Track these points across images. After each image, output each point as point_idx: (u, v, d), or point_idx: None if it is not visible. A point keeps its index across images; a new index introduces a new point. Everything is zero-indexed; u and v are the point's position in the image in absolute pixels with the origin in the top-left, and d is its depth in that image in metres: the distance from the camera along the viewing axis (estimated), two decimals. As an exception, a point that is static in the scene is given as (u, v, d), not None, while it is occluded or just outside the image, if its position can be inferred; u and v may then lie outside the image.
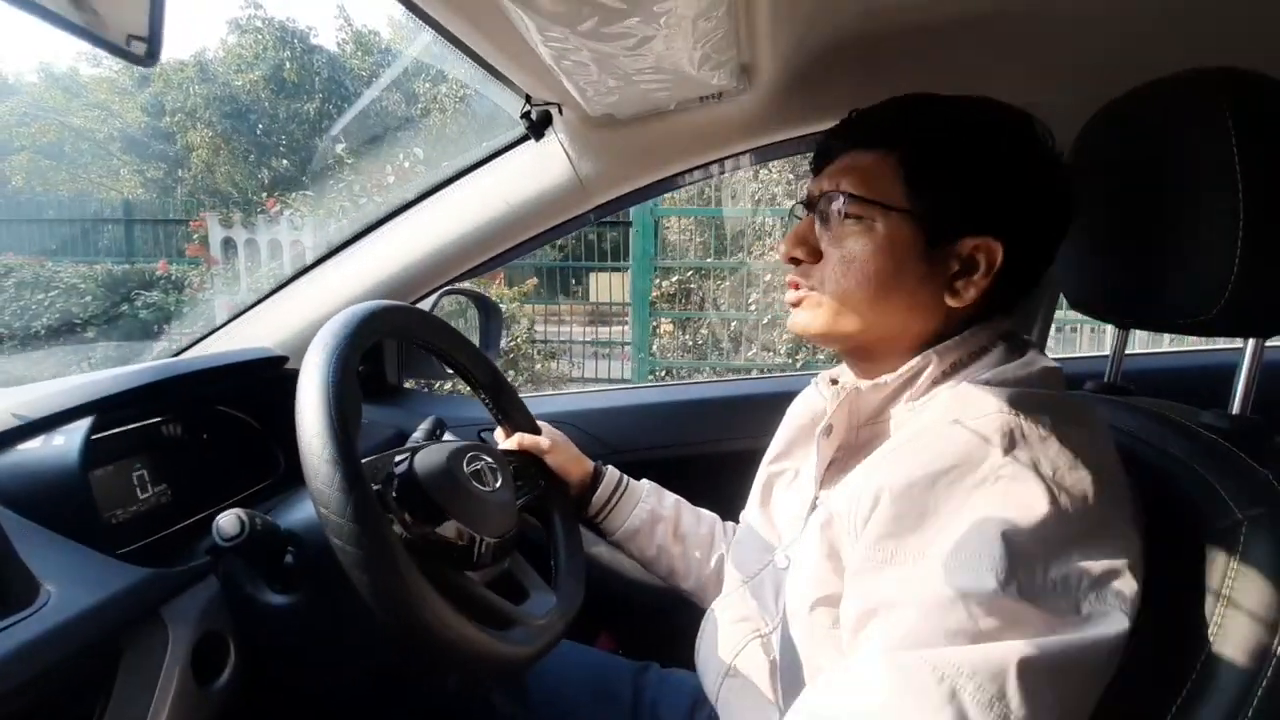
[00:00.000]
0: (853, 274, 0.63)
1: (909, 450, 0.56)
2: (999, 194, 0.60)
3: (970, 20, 0.81)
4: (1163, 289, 0.62)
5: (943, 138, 0.61)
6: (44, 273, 5.57)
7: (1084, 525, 0.50)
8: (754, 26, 0.74)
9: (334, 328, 0.61)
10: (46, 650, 0.51)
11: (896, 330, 0.64)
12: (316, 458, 0.53)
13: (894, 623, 0.49)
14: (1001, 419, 0.53)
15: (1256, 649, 0.49)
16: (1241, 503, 0.53)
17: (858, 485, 0.58)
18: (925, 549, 0.51)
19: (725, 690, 0.72)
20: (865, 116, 0.65)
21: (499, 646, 0.58)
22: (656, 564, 0.90)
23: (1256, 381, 0.62)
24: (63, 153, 12.00)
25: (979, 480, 0.51)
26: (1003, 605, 0.47)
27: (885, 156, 0.62)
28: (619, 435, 1.24)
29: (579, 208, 1.04)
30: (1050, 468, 0.51)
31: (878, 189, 0.62)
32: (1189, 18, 0.79)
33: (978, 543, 0.49)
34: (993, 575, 0.47)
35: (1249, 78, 0.57)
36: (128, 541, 0.71)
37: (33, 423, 0.67)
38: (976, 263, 0.61)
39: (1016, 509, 0.49)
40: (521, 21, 0.61)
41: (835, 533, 0.59)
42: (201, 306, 5.25)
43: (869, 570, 0.53)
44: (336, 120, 8.72)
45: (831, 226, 0.64)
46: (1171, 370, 1.25)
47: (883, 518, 0.53)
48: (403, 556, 0.53)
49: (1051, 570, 0.48)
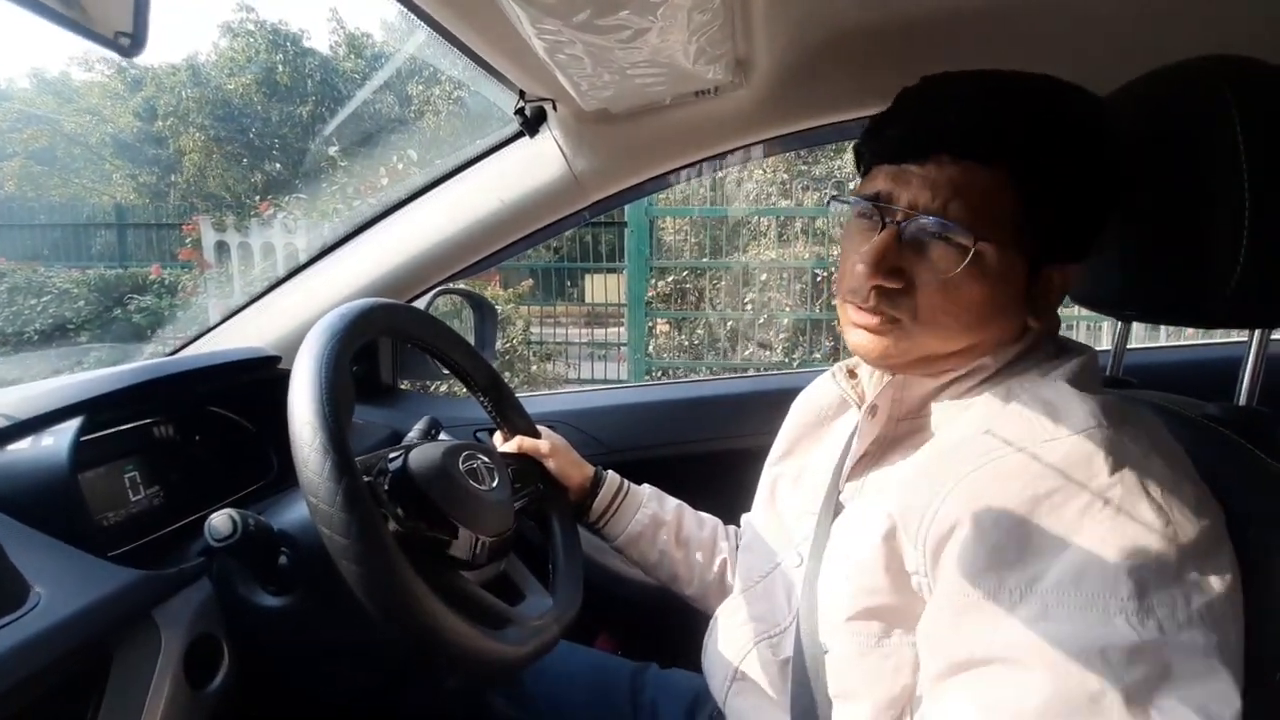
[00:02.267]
0: (954, 309, 0.56)
1: (993, 471, 0.50)
2: (1096, 218, 0.57)
3: (967, 13, 0.81)
4: (1166, 281, 0.62)
5: (1069, 158, 0.54)
6: (36, 278, 5.56)
7: (1203, 543, 0.46)
8: (749, 20, 0.73)
9: (330, 320, 0.61)
10: (37, 653, 0.51)
11: (973, 348, 0.60)
12: (307, 446, 0.53)
13: (1015, 685, 0.45)
14: (1101, 434, 0.49)
15: (1274, 639, 0.48)
16: (1253, 496, 0.53)
17: (919, 490, 0.54)
18: (1032, 584, 0.46)
19: (733, 693, 0.71)
20: (980, 122, 0.54)
21: (492, 645, 0.57)
22: (659, 569, 0.89)
23: (1263, 373, 0.61)
24: (55, 158, 11.95)
25: (1085, 505, 0.47)
26: (1145, 652, 0.43)
27: (997, 173, 0.54)
28: (616, 434, 1.24)
29: (574, 204, 1.04)
30: (1158, 485, 0.47)
31: (996, 217, 0.54)
32: (1189, 7, 0.79)
33: (1099, 579, 0.45)
34: (1123, 618, 0.43)
35: (1251, 65, 0.57)
36: (119, 544, 0.70)
37: (21, 423, 0.66)
38: (1054, 286, 0.58)
39: (1135, 538, 0.45)
40: (515, 15, 0.60)
41: (899, 542, 0.55)
42: (195, 310, 5.24)
43: (961, 610, 0.48)
44: (329, 123, 8.71)
45: (930, 254, 0.56)
46: (1171, 365, 1.25)
47: (973, 548, 0.48)
48: (393, 547, 0.53)
49: (1194, 601, 0.44)
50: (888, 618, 0.55)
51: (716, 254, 4.70)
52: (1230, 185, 0.54)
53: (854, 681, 0.57)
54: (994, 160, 0.54)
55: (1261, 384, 0.61)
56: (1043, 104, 0.55)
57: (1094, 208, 0.57)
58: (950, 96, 0.56)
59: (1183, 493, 0.48)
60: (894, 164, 0.57)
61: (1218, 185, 0.55)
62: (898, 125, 0.58)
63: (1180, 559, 0.45)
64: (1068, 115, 0.55)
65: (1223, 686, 0.42)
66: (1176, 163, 0.59)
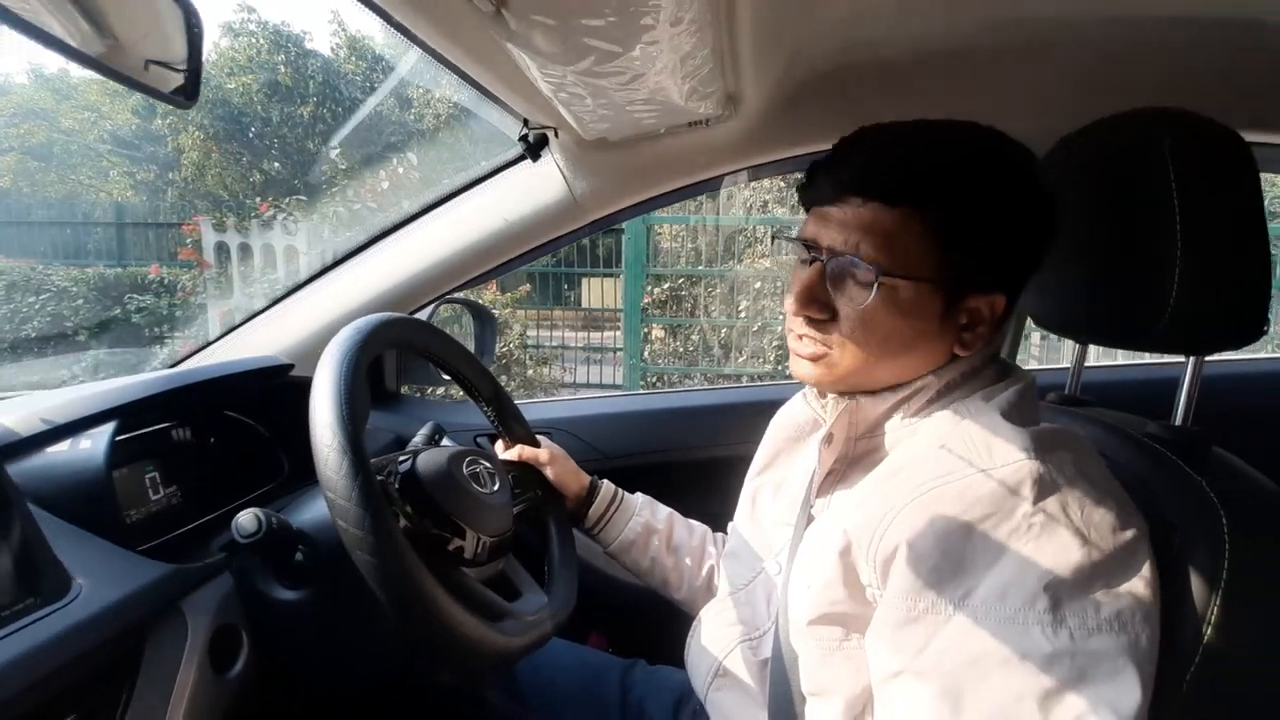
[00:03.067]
0: (873, 338, 0.62)
1: (933, 498, 0.55)
2: (1018, 252, 0.61)
3: (940, 54, 0.88)
4: (1113, 309, 0.68)
5: (975, 198, 0.58)
6: (35, 275, 5.56)
7: (1118, 557, 0.52)
8: (738, 60, 0.79)
9: (349, 333, 0.66)
10: (79, 639, 0.55)
11: (905, 376, 0.65)
12: (326, 446, 0.58)
13: (946, 692, 0.51)
14: (1029, 466, 0.54)
15: (1191, 639, 0.54)
16: (1178, 508, 0.58)
17: (871, 510, 0.59)
18: (964, 600, 0.52)
19: (714, 690, 0.76)
20: (885, 167, 0.59)
21: (490, 635, 0.62)
22: (650, 575, 0.93)
23: (1197, 395, 0.67)
24: (52, 154, 11.91)
25: (1012, 529, 0.52)
26: (1059, 658, 0.49)
27: (911, 216, 0.58)
28: (612, 441, 1.29)
29: (573, 224, 1.09)
30: (1078, 510, 0.53)
31: (903, 256, 0.59)
32: (1136, 58, 0.85)
33: (1020, 596, 0.50)
34: (1039, 629, 0.49)
35: (1186, 117, 0.63)
36: (143, 539, 0.75)
37: (60, 427, 0.71)
38: (983, 316, 0.62)
39: (1052, 558, 0.51)
40: (521, 58, 0.66)
41: (853, 558, 0.60)
42: (194, 310, 5.25)
43: (904, 622, 0.54)
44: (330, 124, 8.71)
45: (848, 289, 0.61)
46: (1127, 382, 1.31)
47: (915, 567, 0.54)
48: (401, 540, 0.57)
49: (1104, 610, 0.50)
50: (847, 624, 0.61)
51: (713, 261, 4.75)
52: (1165, 224, 0.60)
53: (824, 680, 0.62)
54: (897, 202, 0.58)
55: (1202, 403, 0.67)
56: (950, 150, 0.59)
57: (1011, 243, 0.60)
58: (867, 145, 0.61)
59: (1102, 513, 0.53)
60: (818, 208, 0.63)
61: (1155, 223, 0.61)
62: (819, 174, 0.63)
63: (1093, 574, 0.51)
64: (974, 160, 0.59)
65: (1130, 684, 0.48)
66: (1121, 201, 0.65)
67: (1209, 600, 0.54)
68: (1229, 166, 0.61)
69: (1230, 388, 1.27)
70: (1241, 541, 0.55)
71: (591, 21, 0.56)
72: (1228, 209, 0.61)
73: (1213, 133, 0.62)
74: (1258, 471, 0.63)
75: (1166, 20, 0.83)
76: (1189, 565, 0.56)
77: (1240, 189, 0.61)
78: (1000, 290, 0.62)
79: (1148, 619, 0.51)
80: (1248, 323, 0.62)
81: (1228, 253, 0.61)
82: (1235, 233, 0.61)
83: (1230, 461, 0.64)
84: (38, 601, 0.56)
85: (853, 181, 0.60)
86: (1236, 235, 0.61)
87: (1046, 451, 0.55)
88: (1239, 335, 0.63)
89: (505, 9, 0.53)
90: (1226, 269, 0.61)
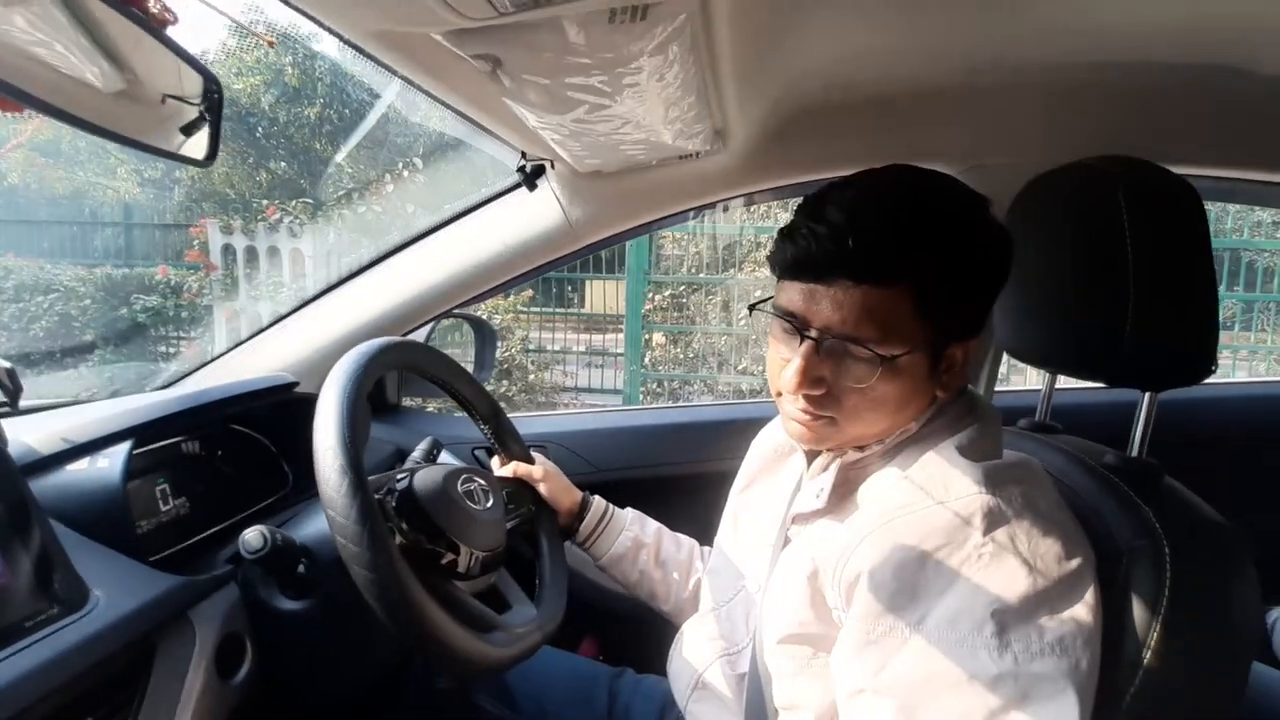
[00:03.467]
0: (875, 405, 0.64)
1: (892, 529, 0.59)
2: (987, 301, 0.65)
3: (918, 94, 0.92)
4: (1077, 345, 0.71)
5: (956, 266, 0.61)
6: (43, 275, 5.59)
7: (1063, 584, 0.55)
8: (724, 102, 0.83)
9: (353, 357, 0.70)
10: (96, 647, 0.59)
11: (894, 429, 0.68)
12: (329, 467, 0.61)
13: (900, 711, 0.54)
14: (980, 500, 0.57)
15: (1132, 661, 0.58)
16: (1126, 535, 0.62)
17: (838, 538, 0.63)
18: (918, 625, 0.56)
19: (694, 701, 0.80)
20: (875, 249, 0.59)
21: (479, 646, 0.65)
22: (639, 588, 0.96)
23: (1152, 428, 0.70)
24: (59, 150, 11.95)
25: (964, 558, 0.56)
26: (1004, 680, 0.52)
27: (902, 293, 0.59)
28: (603, 455, 1.32)
29: (568, 248, 1.13)
30: (1026, 541, 0.56)
31: (899, 332, 0.60)
32: (1104, 98, 0.89)
33: (969, 621, 0.54)
34: (986, 652, 0.53)
35: (1139, 166, 0.67)
36: (154, 550, 0.79)
37: (79, 446, 0.75)
38: (958, 360, 0.66)
39: (1000, 586, 0.54)
40: (517, 106, 0.70)
41: (820, 583, 0.64)
42: (200, 312, 5.28)
43: (865, 644, 0.58)
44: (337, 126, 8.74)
45: (847, 368, 0.62)
46: (1098, 405, 1.35)
47: (874, 594, 0.57)
48: (398, 557, 0.61)
49: (1047, 635, 0.53)
50: (815, 643, 0.65)
51: (715, 266, 4.78)
52: (1119, 266, 0.64)
53: (794, 695, 0.66)
54: (894, 283, 0.59)
55: (1159, 432, 0.70)
56: (930, 221, 0.60)
57: (981, 293, 0.64)
58: (845, 223, 0.59)
59: (1049, 543, 0.57)
60: (801, 282, 0.62)
61: (1110, 265, 0.65)
62: (802, 244, 0.61)
63: (1038, 601, 0.54)
64: (951, 232, 0.60)
65: (1069, 704, 0.52)
66: (1081, 242, 0.69)
67: (1150, 625, 0.58)
68: (1179, 215, 0.65)
69: (1189, 413, 1.31)
70: (1182, 570, 0.58)
71: (580, 79, 0.60)
72: (1177, 256, 0.64)
73: (1165, 181, 0.66)
74: (1203, 501, 0.66)
75: (1136, 65, 0.87)
76: (1133, 591, 0.59)
77: (1189, 234, 0.64)
78: (973, 335, 0.66)
79: (1088, 644, 0.54)
80: (1197, 361, 0.65)
81: (1179, 295, 0.64)
82: (1184, 278, 0.64)
83: (1178, 492, 0.68)
84: (59, 612, 0.59)
85: (843, 264, 0.59)
86: (1185, 280, 0.64)
87: (998, 486, 0.59)
88: (1190, 373, 0.66)
89: (500, 69, 0.57)
90: (1176, 310, 0.64)
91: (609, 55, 0.55)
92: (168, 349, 5.37)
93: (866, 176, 0.64)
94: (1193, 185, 0.66)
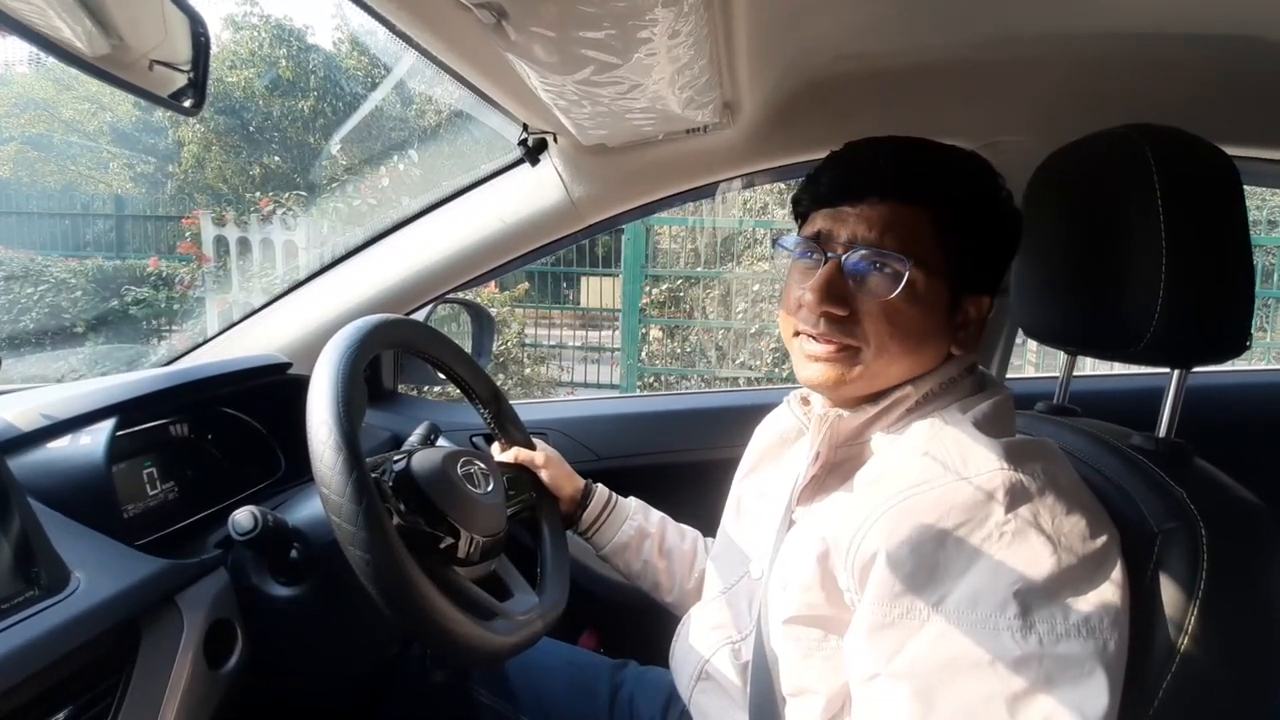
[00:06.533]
0: (897, 331, 0.63)
1: (910, 506, 0.57)
2: (1000, 257, 0.67)
3: (933, 67, 0.89)
4: (1101, 322, 0.69)
5: (975, 202, 0.64)
6: (34, 266, 5.54)
7: (1088, 564, 0.54)
8: (735, 70, 0.80)
9: (348, 332, 0.67)
10: (76, 631, 0.56)
11: (909, 377, 0.66)
12: (322, 443, 0.59)
13: (919, 695, 0.52)
14: (1003, 475, 0.55)
15: (1166, 647, 0.55)
16: (1158, 517, 0.59)
17: (851, 518, 0.60)
18: (938, 606, 0.54)
19: (698, 691, 0.77)
20: (903, 168, 0.63)
21: (479, 633, 0.62)
22: (642, 578, 0.94)
23: (1181, 407, 0.68)
24: (52, 143, 11.86)
25: (985, 536, 0.54)
26: (1028, 662, 0.50)
27: (925, 214, 0.62)
28: (605, 442, 1.30)
29: (571, 227, 1.11)
30: (1050, 519, 0.54)
31: (921, 247, 0.62)
32: (1126, 72, 0.87)
33: (991, 601, 0.52)
34: (1009, 634, 0.51)
35: (1172, 134, 0.64)
36: (140, 534, 0.76)
37: (61, 422, 0.72)
38: (972, 317, 0.67)
39: (1023, 565, 0.52)
40: (520, 67, 0.67)
41: (832, 564, 0.61)
42: (192, 304, 5.24)
43: (880, 626, 0.55)
44: (331, 119, 8.70)
45: (870, 282, 0.63)
46: (1117, 391, 1.32)
47: (891, 574, 0.55)
48: (395, 537, 0.58)
49: (1072, 616, 0.52)
50: (826, 626, 0.62)
51: (711, 261, 4.77)
52: (1150, 239, 0.61)
53: (804, 680, 0.64)
54: (917, 201, 0.62)
55: (1188, 414, 0.68)
56: (950, 160, 0.65)
57: (995, 247, 0.67)
58: (876, 151, 0.65)
59: (1073, 521, 0.55)
60: (831, 207, 0.65)
61: (1141, 238, 0.62)
62: (833, 174, 0.66)
63: (1063, 580, 0.52)
64: (969, 172, 0.65)
65: (1097, 687, 0.50)
66: (1108, 215, 0.66)
67: (1186, 610, 0.55)
68: (1214, 183, 0.62)
69: (1216, 399, 1.29)
70: (1219, 553, 0.56)
71: (590, 34, 0.57)
72: (1212, 225, 0.62)
73: (1199, 150, 0.63)
74: (1237, 483, 0.64)
75: (1157, 36, 0.85)
76: (1167, 575, 0.57)
77: (1225, 206, 0.62)
78: (986, 293, 0.67)
79: (1116, 624, 0.52)
80: (1231, 337, 0.63)
81: (1212, 268, 0.62)
82: (1219, 249, 0.62)
83: (1211, 473, 0.65)
84: (37, 594, 0.56)
85: (872, 181, 0.63)
86: (1221, 251, 0.62)
87: (1021, 461, 0.57)
88: (1222, 349, 0.64)
89: (505, 20, 0.54)
90: (1210, 284, 0.62)
91: (621, 3, 0.52)
92: (159, 341, 5.32)
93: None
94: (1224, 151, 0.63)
